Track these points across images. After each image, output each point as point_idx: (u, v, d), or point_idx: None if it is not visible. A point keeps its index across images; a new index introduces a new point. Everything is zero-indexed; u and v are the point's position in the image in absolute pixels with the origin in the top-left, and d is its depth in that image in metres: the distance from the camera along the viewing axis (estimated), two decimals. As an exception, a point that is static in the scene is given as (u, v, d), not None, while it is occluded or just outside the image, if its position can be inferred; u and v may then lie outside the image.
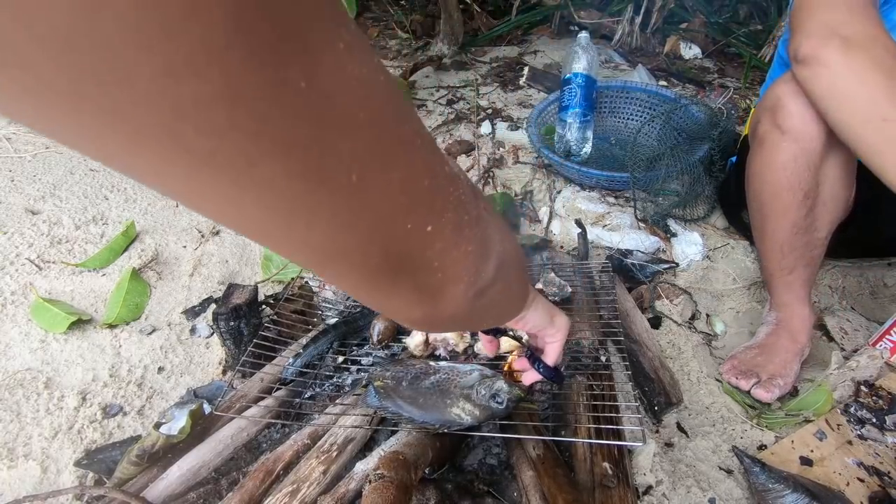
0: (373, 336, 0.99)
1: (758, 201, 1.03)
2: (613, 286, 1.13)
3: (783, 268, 1.04)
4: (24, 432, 0.94)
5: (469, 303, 0.35)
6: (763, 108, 0.99)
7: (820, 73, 0.80)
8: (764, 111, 0.98)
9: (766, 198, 1.01)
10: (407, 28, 2.67)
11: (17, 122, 0.17)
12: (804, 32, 0.81)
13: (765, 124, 0.97)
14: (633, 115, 1.74)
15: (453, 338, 0.95)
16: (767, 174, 0.98)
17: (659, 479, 0.85)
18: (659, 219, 1.43)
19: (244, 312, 1.04)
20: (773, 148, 0.96)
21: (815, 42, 0.79)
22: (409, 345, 0.96)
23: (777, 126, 0.94)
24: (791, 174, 0.94)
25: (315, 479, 0.78)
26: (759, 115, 1.00)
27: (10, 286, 1.18)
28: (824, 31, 0.79)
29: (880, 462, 0.92)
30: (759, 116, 1.01)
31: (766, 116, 0.97)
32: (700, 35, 2.51)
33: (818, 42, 0.79)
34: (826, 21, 0.80)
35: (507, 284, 0.42)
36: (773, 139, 0.95)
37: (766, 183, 0.99)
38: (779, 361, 1.05)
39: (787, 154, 0.94)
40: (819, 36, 0.79)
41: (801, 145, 0.92)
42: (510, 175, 1.65)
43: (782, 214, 0.99)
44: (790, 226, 0.99)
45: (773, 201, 0.99)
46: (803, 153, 0.92)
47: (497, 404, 0.77)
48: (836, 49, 0.77)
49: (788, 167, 0.94)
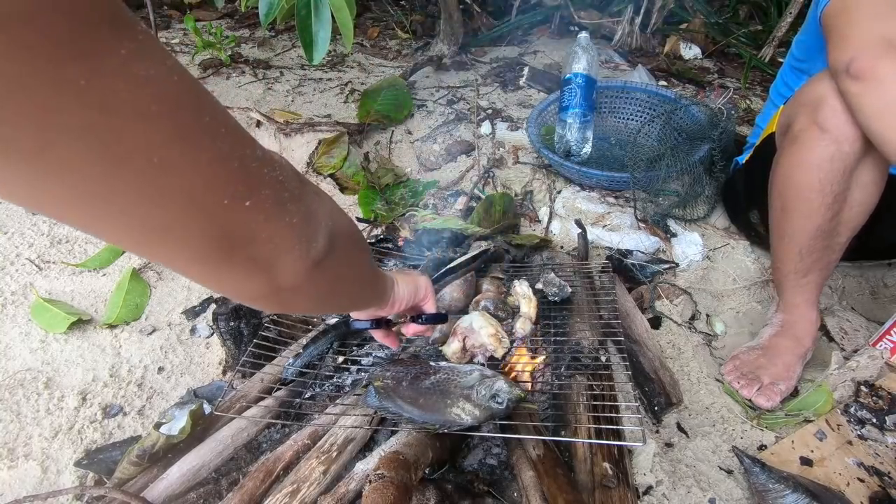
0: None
1: (782, 200, 0.99)
2: (613, 286, 1.13)
3: (798, 270, 1.02)
4: (24, 432, 0.94)
5: (308, 273, 0.39)
6: (799, 105, 0.94)
7: (877, 91, 0.76)
8: (800, 108, 0.93)
9: (792, 197, 0.97)
10: (407, 28, 2.67)
11: None
12: (856, 44, 0.76)
13: (802, 122, 0.93)
14: (633, 116, 1.74)
15: (492, 343, 0.92)
16: (798, 173, 0.94)
17: (659, 480, 0.85)
18: (659, 219, 1.43)
19: (244, 312, 1.04)
20: (809, 146, 0.91)
21: (870, 54, 0.74)
22: (446, 352, 0.93)
23: (816, 124, 0.90)
24: (825, 175, 0.90)
25: (315, 480, 0.78)
26: (796, 112, 0.95)
27: (10, 286, 1.18)
28: (881, 43, 0.74)
29: (880, 462, 0.92)
30: (794, 114, 0.96)
31: (805, 114, 0.92)
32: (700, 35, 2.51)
33: (875, 54, 0.74)
34: (882, 33, 0.75)
35: (349, 260, 0.47)
36: (811, 137, 0.91)
37: (795, 183, 0.95)
38: (781, 364, 1.04)
39: (823, 154, 0.90)
40: (875, 48, 0.74)
41: (839, 146, 0.88)
42: (510, 175, 1.65)
43: (807, 216, 0.95)
44: (814, 228, 0.95)
45: (800, 202, 0.95)
46: (840, 155, 0.88)
47: (497, 404, 0.77)
48: (894, 66, 0.73)
49: (824, 167, 0.90)
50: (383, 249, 1.26)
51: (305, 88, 2.15)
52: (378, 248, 1.26)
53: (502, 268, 1.18)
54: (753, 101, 2.09)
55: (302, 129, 1.75)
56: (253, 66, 2.27)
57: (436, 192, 1.57)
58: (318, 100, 2.07)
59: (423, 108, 2.00)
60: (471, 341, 0.92)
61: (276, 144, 1.78)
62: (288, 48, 2.50)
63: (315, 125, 1.76)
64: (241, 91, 2.07)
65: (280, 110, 1.92)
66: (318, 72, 2.29)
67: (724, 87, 2.19)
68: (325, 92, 2.12)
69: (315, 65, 2.29)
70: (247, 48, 2.47)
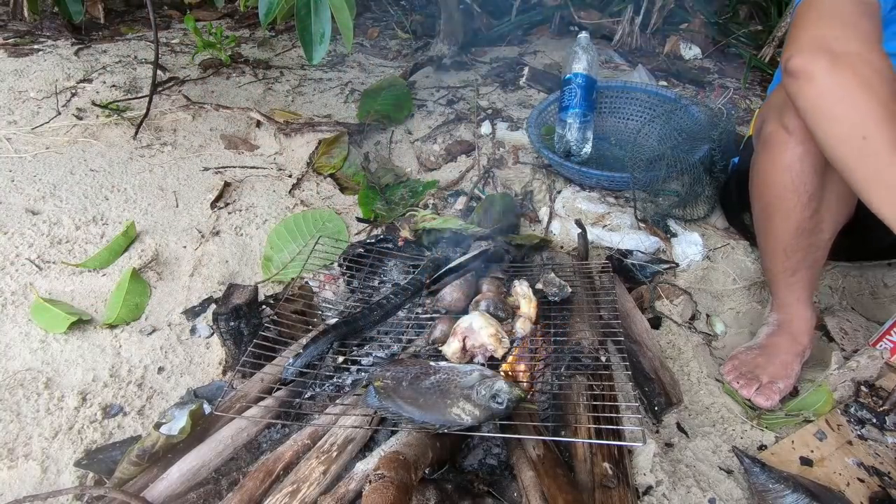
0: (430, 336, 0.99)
1: (762, 202, 1.02)
2: (613, 286, 1.13)
3: (786, 269, 1.03)
4: (24, 432, 0.94)
5: None
6: (769, 108, 0.98)
7: (806, 88, 0.79)
8: (770, 111, 0.97)
9: (770, 199, 0.99)
10: (407, 28, 2.67)
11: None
12: (796, 45, 0.80)
13: (771, 125, 0.96)
14: (633, 116, 1.74)
15: (492, 343, 0.92)
16: (772, 175, 0.97)
17: (659, 480, 0.85)
18: (659, 219, 1.43)
19: (244, 313, 1.04)
20: (778, 148, 0.94)
21: (805, 56, 0.78)
22: (446, 352, 0.93)
23: (783, 126, 0.93)
24: (797, 175, 0.93)
25: (315, 480, 0.78)
26: (765, 115, 0.99)
27: (10, 286, 1.18)
28: (815, 45, 0.78)
29: (880, 462, 0.92)
30: (764, 117, 0.99)
31: (773, 117, 0.96)
32: (700, 35, 2.51)
33: (808, 56, 0.78)
34: (818, 36, 0.79)
35: None
36: (780, 139, 0.94)
37: (771, 184, 0.98)
38: (780, 363, 1.05)
39: (792, 155, 0.92)
40: (809, 50, 0.78)
41: (807, 146, 0.90)
42: (510, 175, 1.65)
43: (786, 216, 0.97)
44: (794, 227, 0.98)
45: (778, 202, 0.98)
46: (809, 154, 0.91)
47: (497, 404, 0.77)
48: (825, 65, 0.76)
49: (794, 168, 0.93)
50: (383, 249, 1.26)
51: (305, 88, 2.15)
52: (378, 248, 1.26)
53: (502, 268, 1.18)
54: (753, 101, 2.09)
55: (302, 129, 1.75)
56: (253, 66, 2.27)
57: (436, 192, 1.57)
58: (318, 100, 2.07)
59: (423, 108, 2.00)
60: (471, 341, 0.92)
61: (277, 144, 1.78)
62: (288, 48, 2.50)
63: (315, 125, 1.76)
64: (241, 91, 2.07)
65: (280, 110, 1.92)
66: (318, 72, 2.29)
67: (724, 87, 2.19)
68: (325, 92, 2.12)
69: (315, 65, 2.29)
70: (247, 48, 2.47)
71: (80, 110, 1.81)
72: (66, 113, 1.79)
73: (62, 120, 1.76)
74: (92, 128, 1.74)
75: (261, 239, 1.39)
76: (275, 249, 1.35)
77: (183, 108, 1.88)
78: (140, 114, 1.75)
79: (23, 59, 2.09)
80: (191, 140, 1.76)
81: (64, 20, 2.36)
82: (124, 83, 2.01)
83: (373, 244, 1.26)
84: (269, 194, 1.55)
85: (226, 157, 1.70)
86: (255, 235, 1.40)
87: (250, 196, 1.53)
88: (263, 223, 1.44)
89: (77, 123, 1.74)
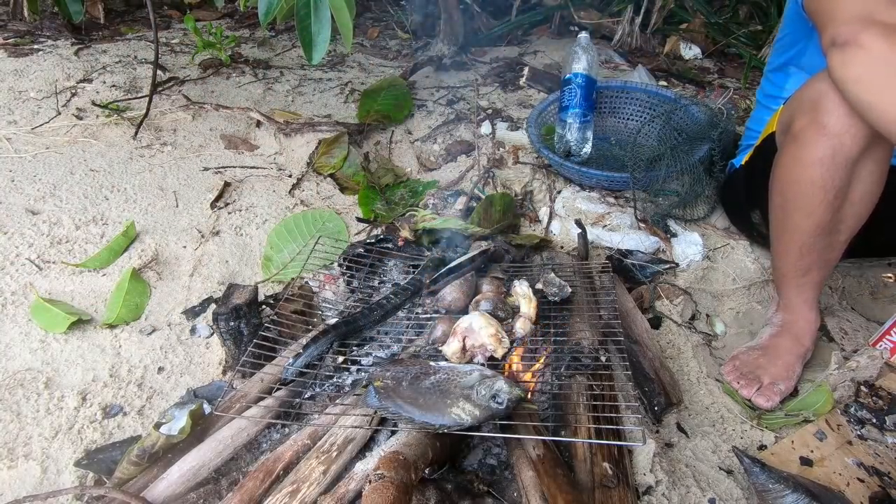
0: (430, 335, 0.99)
1: (782, 197, 1.00)
2: (613, 286, 1.13)
3: (798, 269, 1.02)
4: (24, 432, 0.94)
5: None
6: (800, 102, 0.95)
7: (858, 56, 0.79)
8: (801, 106, 0.94)
9: (793, 195, 0.97)
10: (407, 28, 2.67)
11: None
12: (839, 19, 0.81)
13: (802, 120, 0.93)
14: (633, 116, 1.74)
15: (492, 343, 0.92)
16: (799, 170, 0.94)
17: (659, 480, 0.85)
18: (659, 219, 1.43)
19: (244, 312, 1.04)
20: (810, 144, 0.92)
21: (854, 27, 0.79)
22: (446, 352, 0.93)
23: (816, 122, 0.91)
24: (826, 171, 0.91)
25: (315, 480, 0.78)
26: (796, 110, 0.96)
27: (10, 286, 1.18)
28: (863, 16, 0.79)
29: (880, 462, 0.92)
30: (794, 112, 0.97)
31: (805, 112, 0.93)
32: (700, 35, 2.51)
33: (858, 27, 0.79)
34: (863, 9, 0.80)
35: None
36: (811, 135, 0.92)
37: (797, 180, 0.95)
38: (781, 364, 1.04)
39: (824, 150, 0.90)
40: (858, 21, 0.79)
41: (840, 139, 0.89)
42: (510, 175, 1.65)
43: (809, 213, 0.95)
44: (815, 225, 0.96)
45: (801, 199, 0.96)
46: (842, 150, 0.89)
47: (497, 404, 0.77)
48: (877, 34, 0.77)
49: (825, 163, 0.91)
50: (383, 249, 1.26)
51: (305, 88, 2.15)
52: (378, 248, 1.26)
53: (502, 268, 1.18)
54: (753, 102, 2.09)
55: (302, 129, 1.75)
56: (253, 66, 2.27)
57: (436, 192, 1.57)
58: (318, 100, 2.07)
59: (423, 108, 2.00)
60: (471, 341, 0.92)
61: (277, 144, 1.78)
62: (288, 48, 2.50)
63: (315, 125, 1.76)
64: (241, 91, 2.07)
65: (280, 110, 1.92)
66: (318, 72, 2.29)
67: (724, 87, 2.19)
68: (325, 92, 2.12)
69: (315, 65, 2.30)
70: (247, 48, 2.47)
71: (80, 110, 1.82)
72: (66, 113, 1.80)
73: (62, 120, 1.76)
74: (92, 128, 1.74)
75: (261, 239, 1.39)
76: (275, 249, 1.35)
77: (183, 108, 1.88)
78: (140, 114, 1.75)
79: (23, 59, 2.09)
80: (191, 140, 1.76)
81: (64, 20, 2.37)
82: (124, 83, 2.01)
83: (373, 244, 1.26)
84: (269, 194, 1.55)
85: (226, 157, 1.70)
86: (255, 235, 1.40)
87: (250, 196, 1.53)
88: (263, 223, 1.44)
89: (77, 123, 1.74)
